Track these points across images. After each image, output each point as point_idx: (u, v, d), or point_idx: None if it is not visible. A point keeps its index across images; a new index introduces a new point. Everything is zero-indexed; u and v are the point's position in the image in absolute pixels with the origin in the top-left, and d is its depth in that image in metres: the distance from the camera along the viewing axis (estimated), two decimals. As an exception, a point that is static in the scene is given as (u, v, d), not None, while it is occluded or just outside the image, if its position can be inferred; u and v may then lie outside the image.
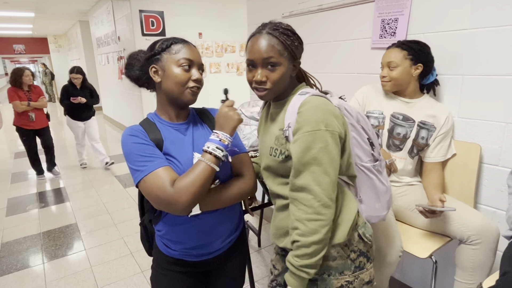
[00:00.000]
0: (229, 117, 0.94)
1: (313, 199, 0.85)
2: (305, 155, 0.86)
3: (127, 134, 0.96)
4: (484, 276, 1.34)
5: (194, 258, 1.07)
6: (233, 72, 6.25)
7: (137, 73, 1.04)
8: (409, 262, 1.87)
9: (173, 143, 0.99)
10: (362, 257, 0.98)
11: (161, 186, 0.88)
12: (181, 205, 0.88)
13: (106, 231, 2.85)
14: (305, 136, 0.86)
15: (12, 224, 3.04)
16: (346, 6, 1.91)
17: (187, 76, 0.96)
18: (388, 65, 1.48)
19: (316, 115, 0.86)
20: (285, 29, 0.92)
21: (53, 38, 13.03)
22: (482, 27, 1.38)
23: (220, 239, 1.07)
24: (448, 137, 1.50)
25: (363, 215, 1.05)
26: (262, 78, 0.91)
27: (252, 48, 0.92)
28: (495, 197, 1.47)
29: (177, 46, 0.97)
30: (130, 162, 0.93)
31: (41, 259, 2.46)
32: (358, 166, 1.01)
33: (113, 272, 2.27)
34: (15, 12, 7.43)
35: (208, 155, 0.91)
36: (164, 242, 1.07)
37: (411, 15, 1.61)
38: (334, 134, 0.87)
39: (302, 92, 0.94)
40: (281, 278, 1.13)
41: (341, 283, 0.95)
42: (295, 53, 0.93)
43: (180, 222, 1.01)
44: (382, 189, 1.07)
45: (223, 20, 5.92)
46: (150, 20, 5.19)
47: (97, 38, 7.77)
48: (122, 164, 4.75)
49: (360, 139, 1.00)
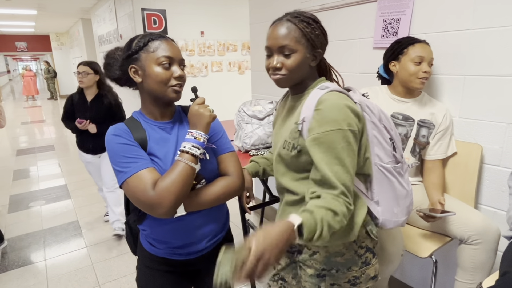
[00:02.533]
0: (200, 114, 0.93)
1: (344, 202, 0.83)
2: (328, 155, 0.84)
3: (111, 133, 0.93)
4: (485, 276, 1.34)
5: (179, 257, 1.06)
6: (235, 71, 6.24)
7: (117, 73, 1.00)
8: (410, 262, 1.87)
9: (157, 143, 0.97)
10: (368, 252, 1.00)
11: (143, 189, 0.87)
12: (164, 208, 0.86)
13: (107, 229, 2.85)
14: (326, 135, 0.83)
15: (14, 221, 3.05)
16: (348, 5, 1.91)
17: (168, 75, 0.93)
18: (430, 62, 1.43)
19: (337, 113, 0.84)
20: (307, 17, 0.91)
21: (55, 36, 13.05)
22: (484, 27, 1.38)
23: (206, 239, 1.06)
24: (447, 134, 1.51)
25: (380, 218, 1.00)
26: (277, 64, 0.90)
27: (270, 35, 0.92)
28: (496, 198, 1.47)
29: (155, 44, 0.93)
30: (114, 163, 0.91)
31: (43, 256, 2.47)
32: (377, 166, 0.97)
33: (114, 269, 2.28)
34: (18, 10, 7.44)
35: (185, 154, 0.90)
36: (149, 241, 1.07)
37: (413, 15, 1.61)
38: (354, 133, 0.85)
39: (322, 87, 0.91)
40: (284, 272, 1.14)
41: (348, 278, 0.97)
42: (315, 42, 0.91)
43: (165, 222, 1.00)
44: (402, 193, 1.02)
45: (225, 19, 5.92)
46: (152, 19, 5.19)
47: (99, 36, 7.78)
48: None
49: (381, 138, 0.97)
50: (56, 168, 4.58)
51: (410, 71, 1.43)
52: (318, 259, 0.99)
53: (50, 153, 5.34)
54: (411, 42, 1.44)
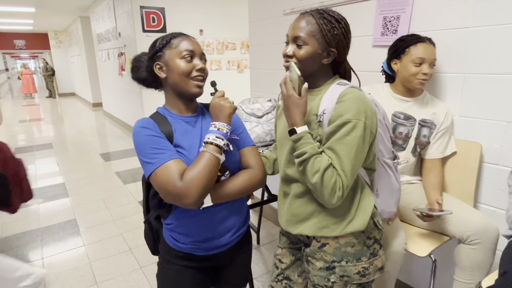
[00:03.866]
0: (221, 106, 0.98)
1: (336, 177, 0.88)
2: (340, 139, 0.88)
3: (139, 126, 0.97)
4: (483, 275, 1.34)
5: (203, 252, 1.07)
6: (234, 69, 6.23)
7: (144, 74, 1.07)
8: (409, 261, 1.87)
9: (182, 135, 1.01)
10: (376, 243, 1.02)
11: (171, 180, 0.89)
12: (192, 198, 0.89)
13: (105, 227, 2.85)
14: (346, 122, 0.87)
15: (11, 219, 3.04)
16: (348, 3, 1.90)
17: (190, 67, 0.98)
18: (432, 63, 1.41)
19: (358, 105, 0.88)
20: (330, 15, 0.94)
21: (53, 34, 13.01)
22: (484, 25, 1.37)
23: (230, 233, 1.08)
24: (447, 134, 1.50)
25: (378, 209, 1.09)
26: (289, 52, 0.96)
27: (291, 25, 0.97)
28: (495, 196, 1.47)
29: (177, 40, 1.00)
30: (142, 154, 0.94)
31: (40, 254, 2.46)
32: (379, 161, 1.04)
33: (112, 268, 2.27)
34: (16, 7, 7.42)
35: (209, 145, 0.93)
36: (173, 236, 1.07)
37: (413, 12, 1.60)
38: (370, 128, 0.89)
39: (341, 83, 0.96)
40: (289, 271, 1.14)
41: (358, 269, 0.98)
42: (330, 40, 0.93)
43: (191, 214, 1.02)
44: (396, 187, 1.11)
45: (224, 17, 5.90)
46: (151, 17, 5.17)
47: (98, 34, 7.75)
48: (121, 160, 4.76)
49: (384, 135, 1.03)
50: (54, 166, 4.56)
51: (410, 71, 1.41)
52: (327, 250, 0.99)
53: (48, 151, 5.32)
54: (414, 41, 1.42)
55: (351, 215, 0.96)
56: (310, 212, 0.99)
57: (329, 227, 0.97)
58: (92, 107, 10.31)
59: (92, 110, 9.98)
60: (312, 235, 1.00)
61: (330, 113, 0.91)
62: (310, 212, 0.99)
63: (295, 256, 1.13)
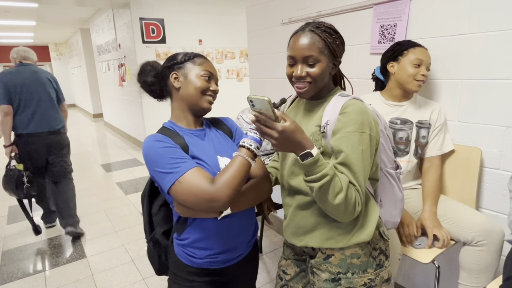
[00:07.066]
0: None
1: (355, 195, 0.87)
2: (351, 153, 0.87)
3: (153, 140, 0.96)
4: (490, 279, 1.33)
5: (218, 266, 1.06)
6: (233, 78, 6.27)
7: (151, 78, 1.09)
8: (412, 267, 1.86)
9: (196, 147, 1.02)
10: (382, 255, 1.00)
11: (200, 184, 0.89)
12: (223, 201, 0.89)
13: (107, 239, 2.84)
14: (350, 135, 0.87)
15: (13, 232, 3.03)
16: (345, 12, 1.92)
17: (207, 85, 1.03)
18: (428, 66, 1.45)
19: (362, 117, 0.88)
20: (328, 27, 0.95)
21: (54, 46, 13.13)
22: (480, 32, 1.39)
23: (244, 242, 1.09)
24: (442, 131, 1.52)
25: (382, 219, 1.09)
26: (302, 73, 0.94)
27: (294, 45, 0.95)
28: (497, 201, 1.47)
29: (200, 59, 1.06)
30: (160, 167, 0.92)
31: (42, 267, 2.45)
32: (382, 171, 1.04)
33: (114, 280, 2.26)
34: (17, 21, 7.49)
35: (244, 149, 0.92)
36: (187, 252, 1.05)
37: (410, 20, 1.62)
38: (374, 138, 0.90)
39: (343, 94, 0.97)
40: (293, 282, 1.13)
41: (364, 281, 0.96)
42: (336, 51, 0.95)
43: (210, 225, 1.01)
44: (399, 197, 1.11)
45: (223, 27, 5.96)
46: (151, 28, 5.23)
47: (98, 45, 7.82)
48: (123, 170, 4.76)
49: (385, 145, 1.03)
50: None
51: (408, 72, 1.44)
52: (333, 262, 0.98)
53: (49, 163, 5.32)
54: (412, 45, 1.46)
55: (356, 226, 0.96)
56: (315, 223, 0.98)
57: (334, 239, 0.96)
58: (93, 118, 10.35)
59: (93, 120, 10.02)
60: (317, 247, 1.00)
61: (334, 124, 0.91)
62: (315, 224, 0.98)
63: (300, 268, 1.12)
